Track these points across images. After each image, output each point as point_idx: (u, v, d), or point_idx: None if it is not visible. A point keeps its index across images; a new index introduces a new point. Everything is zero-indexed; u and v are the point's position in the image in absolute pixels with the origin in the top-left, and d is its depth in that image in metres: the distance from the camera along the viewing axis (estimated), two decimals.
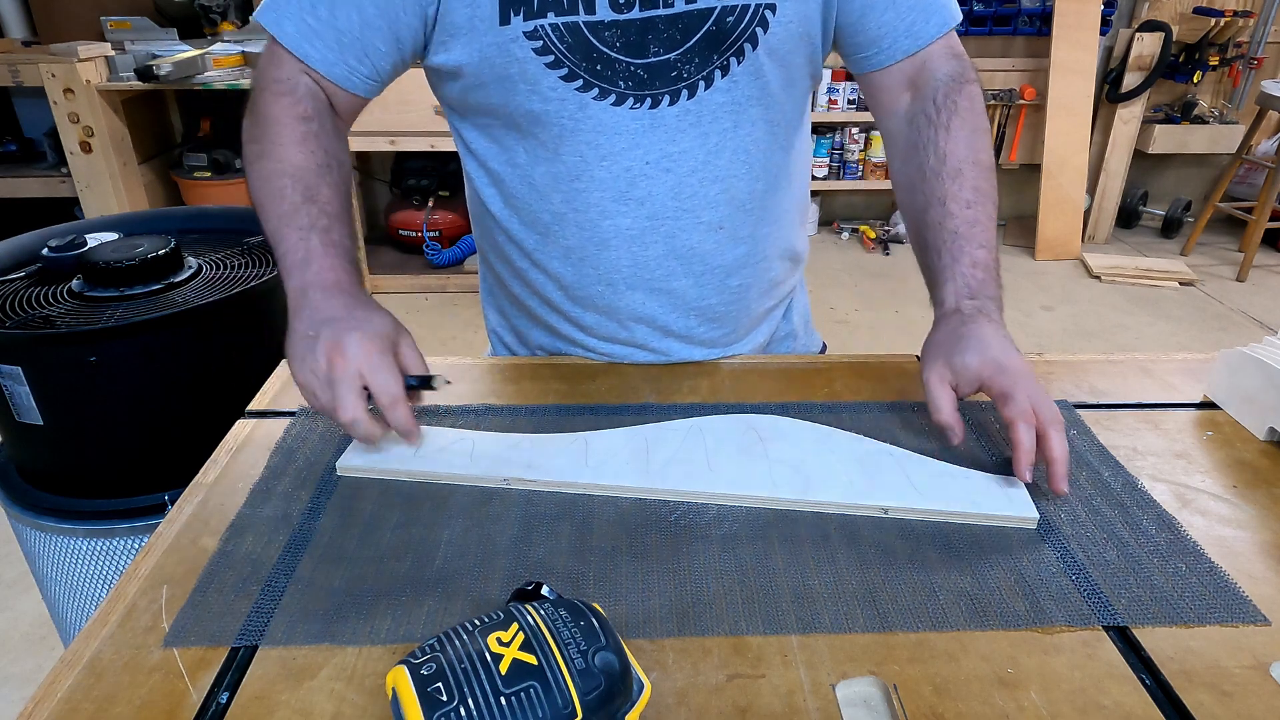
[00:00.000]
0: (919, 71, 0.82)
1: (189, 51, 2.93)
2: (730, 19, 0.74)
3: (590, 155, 0.79)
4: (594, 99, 0.76)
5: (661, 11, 0.74)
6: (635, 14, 0.73)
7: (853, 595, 0.56)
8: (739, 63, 0.77)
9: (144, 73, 2.75)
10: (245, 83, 2.85)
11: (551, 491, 0.66)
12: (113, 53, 2.89)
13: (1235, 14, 3.57)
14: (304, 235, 0.71)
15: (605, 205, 0.81)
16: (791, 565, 0.58)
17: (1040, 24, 3.64)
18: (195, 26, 3.29)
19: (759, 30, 0.75)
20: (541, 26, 0.73)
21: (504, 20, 0.73)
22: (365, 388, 0.65)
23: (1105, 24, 3.61)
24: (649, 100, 0.77)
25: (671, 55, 0.75)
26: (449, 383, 0.69)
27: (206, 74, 2.91)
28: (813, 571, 0.58)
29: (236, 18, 3.28)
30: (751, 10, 0.74)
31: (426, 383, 0.68)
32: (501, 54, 0.74)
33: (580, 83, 0.75)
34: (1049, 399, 0.66)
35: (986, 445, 0.72)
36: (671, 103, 0.77)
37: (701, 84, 0.77)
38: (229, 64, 2.99)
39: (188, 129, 3.40)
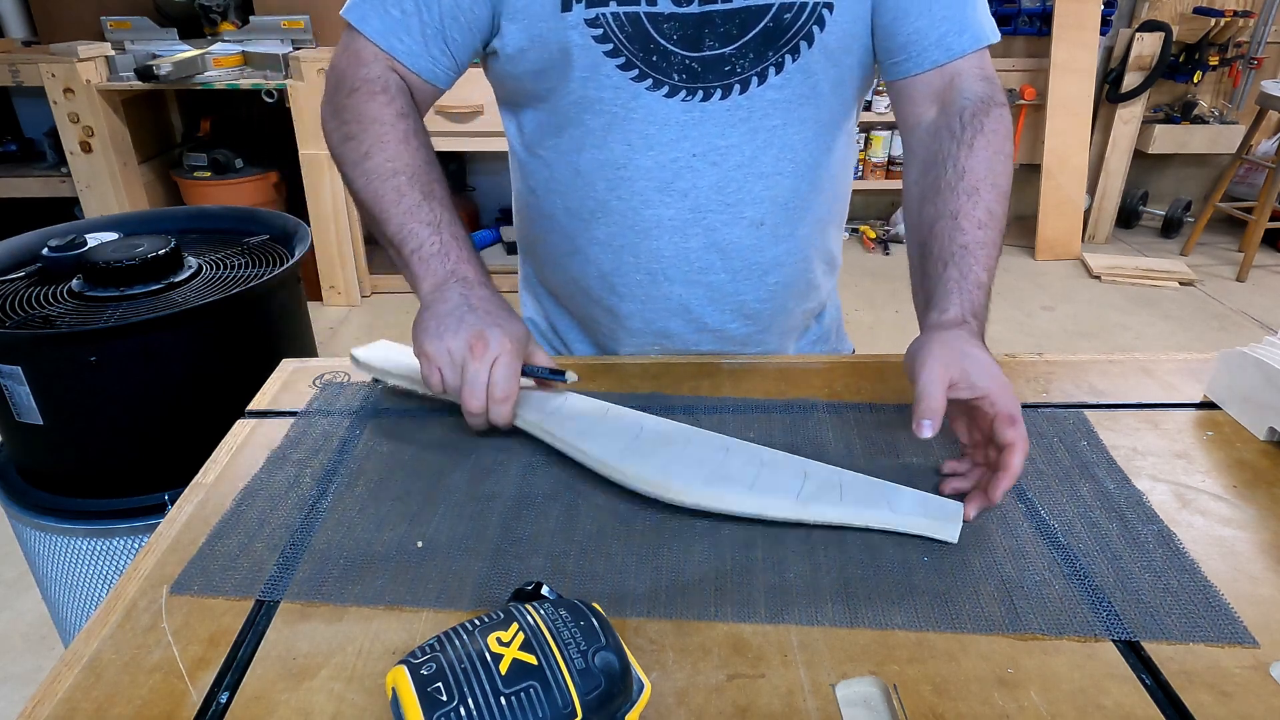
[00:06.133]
0: (947, 86, 0.80)
1: (189, 51, 2.93)
2: (788, 16, 0.74)
3: (637, 144, 0.80)
4: (647, 89, 0.77)
5: (720, 6, 0.74)
6: (694, 8, 0.74)
7: (828, 590, 0.56)
8: (793, 60, 0.77)
9: (144, 73, 2.75)
10: (245, 83, 2.85)
11: (546, 467, 0.69)
12: (113, 52, 2.89)
13: (1235, 14, 3.57)
14: (435, 230, 0.75)
15: (648, 195, 0.82)
16: (769, 557, 0.59)
17: (1040, 24, 3.64)
18: (195, 26, 3.28)
19: (815, 29, 0.76)
20: (603, 15, 0.74)
21: (565, 7, 0.74)
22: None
23: (1105, 24, 3.61)
24: (700, 93, 0.77)
25: (727, 50, 0.76)
26: (577, 379, 0.73)
27: (206, 74, 2.91)
28: (791, 564, 0.58)
29: (236, 18, 3.27)
30: (810, 8, 0.75)
31: (559, 375, 0.73)
32: (559, 38, 0.75)
33: (636, 72, 0.76)
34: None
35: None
36: (723, 96, 0.78)
37: (755, 80, 0.77)
38: (229, 64, 2.99)
39: (188, 129, 3.40)
